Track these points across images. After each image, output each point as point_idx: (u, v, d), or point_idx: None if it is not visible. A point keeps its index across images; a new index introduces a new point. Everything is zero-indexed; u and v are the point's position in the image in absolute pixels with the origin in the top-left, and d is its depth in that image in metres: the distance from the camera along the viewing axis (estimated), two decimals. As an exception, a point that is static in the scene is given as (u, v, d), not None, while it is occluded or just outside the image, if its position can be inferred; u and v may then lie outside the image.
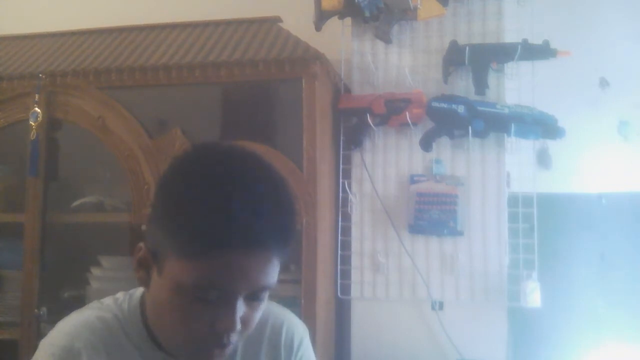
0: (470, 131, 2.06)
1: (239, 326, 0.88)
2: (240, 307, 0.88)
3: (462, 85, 2.13)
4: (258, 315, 0.93)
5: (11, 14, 2.76)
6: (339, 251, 2.16)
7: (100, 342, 0.94)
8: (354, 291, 2.15)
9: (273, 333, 1.08)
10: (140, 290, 1.01)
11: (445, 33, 2.16)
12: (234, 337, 0.89)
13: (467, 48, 2.08)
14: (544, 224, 2.06)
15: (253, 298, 0.90)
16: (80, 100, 2.10)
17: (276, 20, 2.24)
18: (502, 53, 2.08)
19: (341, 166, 2.20)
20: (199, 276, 0.84)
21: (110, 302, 1.01)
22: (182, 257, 0.85)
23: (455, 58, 2.10)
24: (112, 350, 0.95)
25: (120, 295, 1.03)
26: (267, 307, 1.00)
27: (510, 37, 2.10)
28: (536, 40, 2.05)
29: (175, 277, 0.86)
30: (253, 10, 2.31)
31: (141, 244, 0.93)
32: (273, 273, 0.89)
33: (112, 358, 0.95)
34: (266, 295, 0.92)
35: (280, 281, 0.93)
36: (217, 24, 2.28)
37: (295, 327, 1.12)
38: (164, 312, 0.90)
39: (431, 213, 2.10)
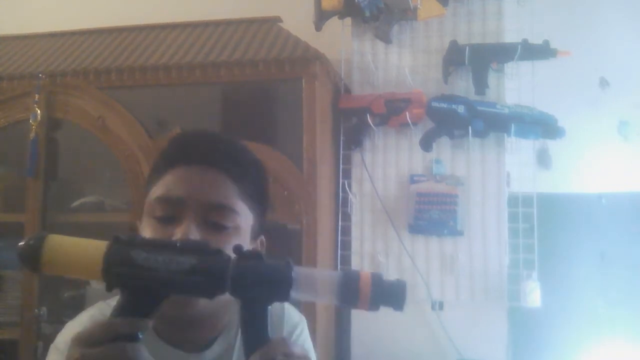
0: (470, 131, 2.06)
1: None
2: (194, 227, 0.89)
3: (462, 85, 2.13)
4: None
5: (11, 14, 2.76)
6: (339, 251, 2.16)
7: None
8: (354, 291, 2.15)
9: (275, 324, 1.08)
10: None
11: (445, 33, 2.17)
12: None
13: (467, 48, 2.08)
14: (544, 224, 2.06)
15: (212, 225, 0.91)
16: (80, 100, 2.10)
17: (276, 20, 2.25)
18: (502, 53, 2.08)
19: (341, 166, 2.20)
20: (158, 191, 0.93)
21: (114, 302, 1.02)
22: (152, 185, 0.95)
23: (455, 58, 2.10)
24: None
25: None
26: None
27: (510, 37, 2.10)
28: (536, 40, 2.05)
29: (146, 207, 0.94)
30: (253, 10, 2.31)
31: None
32: (226, 193, 0.93)
33: None
34: (228, 223, 0.92)
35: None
36: (217, 24, 2.28)
37: (295, 317, 1.13)
38: None
39: (431, 213, 2.10)
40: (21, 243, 0.77)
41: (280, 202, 1.91)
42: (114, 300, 1.02)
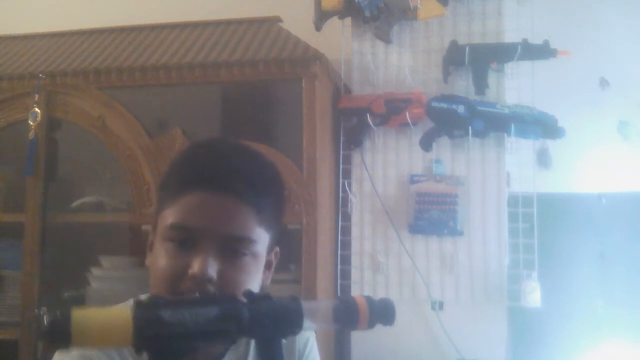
0: (470, 131, 2.06)
1: (209, 275, 0.87)
2: (212, 257, 0.88)
3: (462, 85, 2.13)
4: (241, 277, 0.91)
5: (11, 14, 2.76)
6: (339, 251, 2.16)
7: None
8: (354, 291, 2.15)
9: (288, 340, 1.07)
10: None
11: (445, 33, 2.16)
12: (210, 289, 0.89)
13: (467, 48, 2.08)
14: (544, 224, 2.06)
15: (229, 252, 0.90)
16: (80, 100, 2.10)
17: (276, 20, 2.24)
18: (502, 53, 2.08)
19: (341, 166, 2.20)
20: (174, 216, 0.90)
21: (120, 306, 1.02)
22: (166, 207, 0.92)
23: (455, 58, 2.10)
24: (123, 350, 0.96)
25: (130, 300, 1.03)
26: None
27: (510, 37, 2.10)
28: (536, 40, 2.05)
29: (161, 229, 0.93)
30: (253, 10, 2.31)
31: (149, 228, 1.00)
32: (245, 223, 0.91)
33: (122, 356, 0.96)
34: (246, 251, 0.91)
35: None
36: (217, 24, 2.28)
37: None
38: (155, 272, 0.93)
39: (431, 213, 2.10)
40: (47, 321, 0.75)
41: (280, 202, 1.90)
42: (119, 305, 1.02)
